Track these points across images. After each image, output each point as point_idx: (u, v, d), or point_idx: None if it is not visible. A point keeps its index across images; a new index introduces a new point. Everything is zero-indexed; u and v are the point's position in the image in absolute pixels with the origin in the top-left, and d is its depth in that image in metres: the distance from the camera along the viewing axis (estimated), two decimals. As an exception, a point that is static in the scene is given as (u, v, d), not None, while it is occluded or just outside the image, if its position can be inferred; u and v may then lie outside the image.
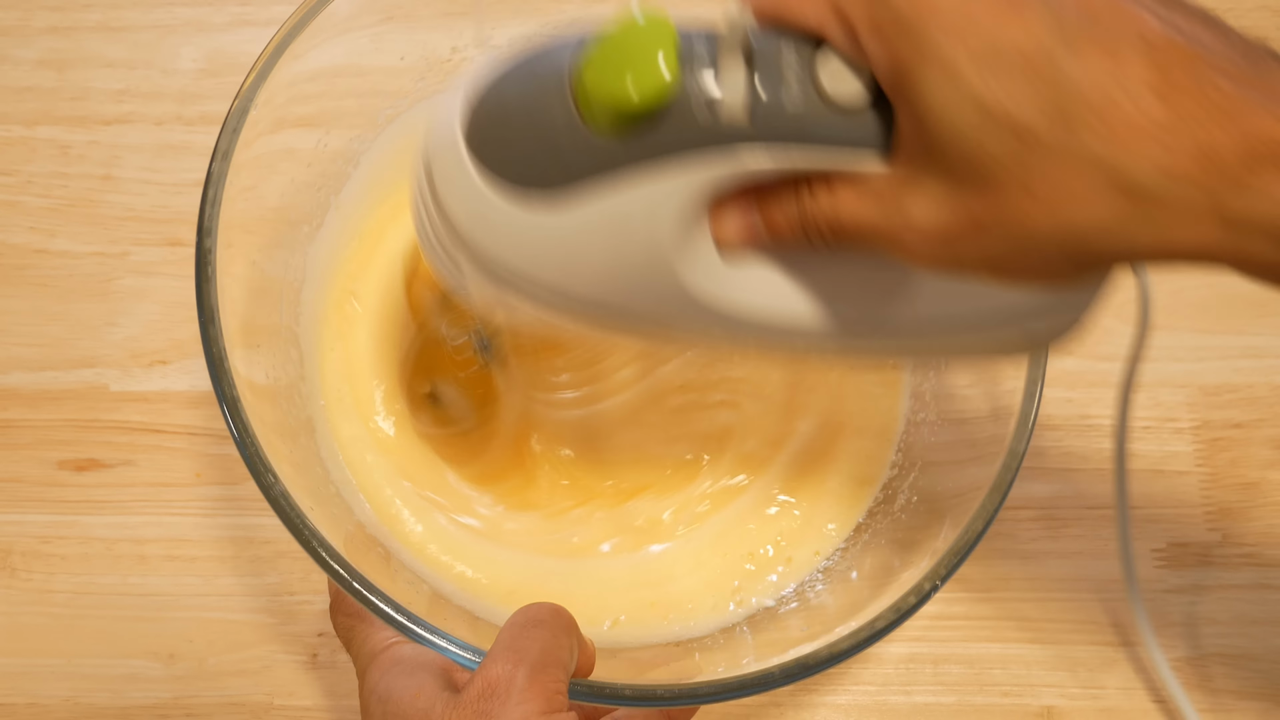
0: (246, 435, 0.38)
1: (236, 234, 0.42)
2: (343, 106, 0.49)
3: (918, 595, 0.38)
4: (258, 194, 0.45)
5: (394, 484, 0.46)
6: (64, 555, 0.50)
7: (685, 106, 0.28)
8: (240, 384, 0.39)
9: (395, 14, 0.48)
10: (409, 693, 0.34)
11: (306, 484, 0.41)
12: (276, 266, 0.47)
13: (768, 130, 0.29)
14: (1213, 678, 0.46)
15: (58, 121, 0.60)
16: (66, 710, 0.47)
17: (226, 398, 0.38)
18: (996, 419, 0.41)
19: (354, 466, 0.46)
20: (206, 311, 0.39)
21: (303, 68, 0.45)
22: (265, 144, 0.44)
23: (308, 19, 0.44)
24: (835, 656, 0.37)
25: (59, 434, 0.52)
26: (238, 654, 0.47)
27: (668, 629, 0.44)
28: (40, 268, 0.56)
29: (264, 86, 0.43)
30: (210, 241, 0.40)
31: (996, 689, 0.46)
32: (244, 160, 0.42)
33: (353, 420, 0.47)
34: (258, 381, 0.41)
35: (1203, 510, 0.49)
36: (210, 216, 0.40)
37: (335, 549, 0.37)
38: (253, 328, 0.43)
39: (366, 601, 0.36)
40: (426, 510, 0.46)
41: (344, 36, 0.46)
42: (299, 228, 0.48)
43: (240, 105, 0.42)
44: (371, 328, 0.48)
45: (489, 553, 0.45)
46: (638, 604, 0.45)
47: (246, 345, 0.42)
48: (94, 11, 0.63)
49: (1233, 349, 0.52)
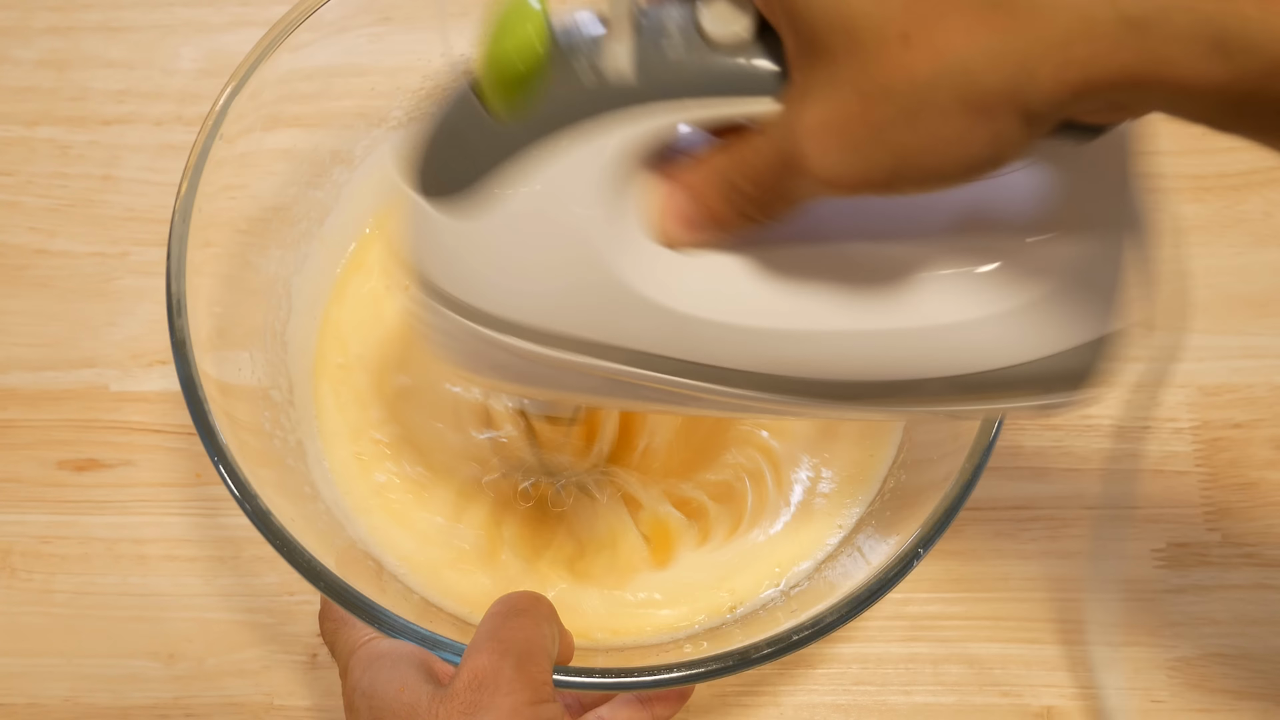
0: (224, 457, 0.38)
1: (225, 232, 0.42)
2: (341, 107, 0.49)
3: (902, 562, 0.37)
4: (250, 193, 0.45)
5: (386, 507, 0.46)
6: (64, 555, 0.50)
7: (571, 73, 0.28)
8: (210, 385, 0.39)
9: (393, 15, 0.48)
10: (393, 686, 0.33)
11: (293, 504, 0.41)
12: (271, 266, 0.47)
13: (659, 86, 0.28)
14: (1212, 678, 0.46)
15: (58, 121, 0.60)
16: (66, 710, 0.47)
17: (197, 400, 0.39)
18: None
19: (345, 487, 0.46)
20: (176, 304, 0.40)
21: (297, 65, 0.45)
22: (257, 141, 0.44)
23: (299, 19, 0.44)
24: (822, 629, 0.36)
25: (59, 434, 0.52)
26: (238, 654, 0.47)
27: (656, 638, 0.44)
28: (40, 268, 0.56)
29: (251, 84, 0.43)
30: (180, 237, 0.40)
31: (996, 689, 0.46)
32: (228, 156, 0.43)
33: (346, 443, 0.47)
34: (230, 382, 0.42)
35: (1203, 510, 0.49)
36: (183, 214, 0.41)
37: (315, 558, 0.37)
38: (235, 332, 0.44)
39: (350, 602, 0.36)
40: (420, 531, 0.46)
41: (340, 36, 0.46)
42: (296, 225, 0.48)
43: (224, 103, 0.43)
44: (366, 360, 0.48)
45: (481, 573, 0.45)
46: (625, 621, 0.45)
47: (224, 348, 0.42)
48: (94, 11, 0.63)
49: (1233, 349, 0.52)
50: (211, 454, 0.38)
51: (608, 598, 0.45)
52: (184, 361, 0.39)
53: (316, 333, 0.49)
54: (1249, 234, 0.55)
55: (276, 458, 0.43)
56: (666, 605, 0.45)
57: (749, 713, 0.46)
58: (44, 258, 0.56)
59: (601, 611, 0.45)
